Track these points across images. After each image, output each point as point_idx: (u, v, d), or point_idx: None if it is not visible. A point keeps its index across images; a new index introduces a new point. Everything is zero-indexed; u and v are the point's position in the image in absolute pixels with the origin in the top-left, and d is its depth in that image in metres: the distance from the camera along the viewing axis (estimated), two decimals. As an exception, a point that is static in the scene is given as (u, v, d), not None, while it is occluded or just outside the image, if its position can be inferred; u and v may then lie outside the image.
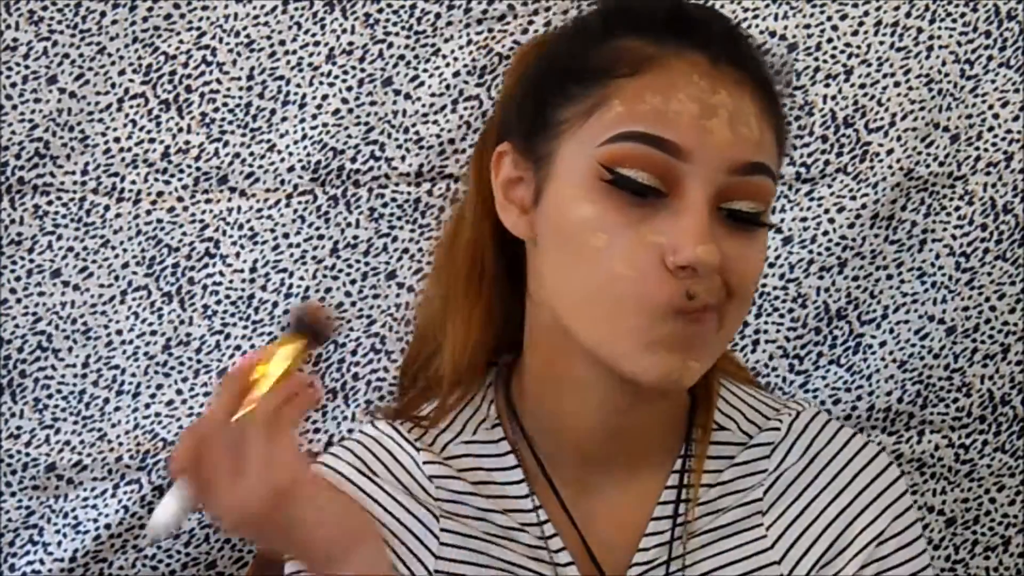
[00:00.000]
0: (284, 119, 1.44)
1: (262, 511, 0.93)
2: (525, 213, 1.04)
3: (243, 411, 0.93)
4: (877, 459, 1.10)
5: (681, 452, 1.09)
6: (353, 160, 1.43)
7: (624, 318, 0.98)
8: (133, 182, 1.43)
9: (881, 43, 1.45)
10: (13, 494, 1.43)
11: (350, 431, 1.43)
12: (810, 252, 1.45)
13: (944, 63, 1.44)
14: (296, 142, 1.43)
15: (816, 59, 1.44)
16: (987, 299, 1.46)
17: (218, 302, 1.44)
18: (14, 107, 1.42)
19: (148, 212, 1.43)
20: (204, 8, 1.43)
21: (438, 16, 1.43)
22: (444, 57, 1.44)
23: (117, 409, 1.44)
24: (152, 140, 1.43)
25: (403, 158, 1.44)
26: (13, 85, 1.42)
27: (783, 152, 1.05)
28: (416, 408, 1.12)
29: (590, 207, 0.99)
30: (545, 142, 1.02)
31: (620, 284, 0.97)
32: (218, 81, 1.43)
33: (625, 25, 1.03)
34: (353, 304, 1.44)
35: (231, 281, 1.44)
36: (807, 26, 1.44)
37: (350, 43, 1.43)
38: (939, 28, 1.44)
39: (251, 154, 1.44)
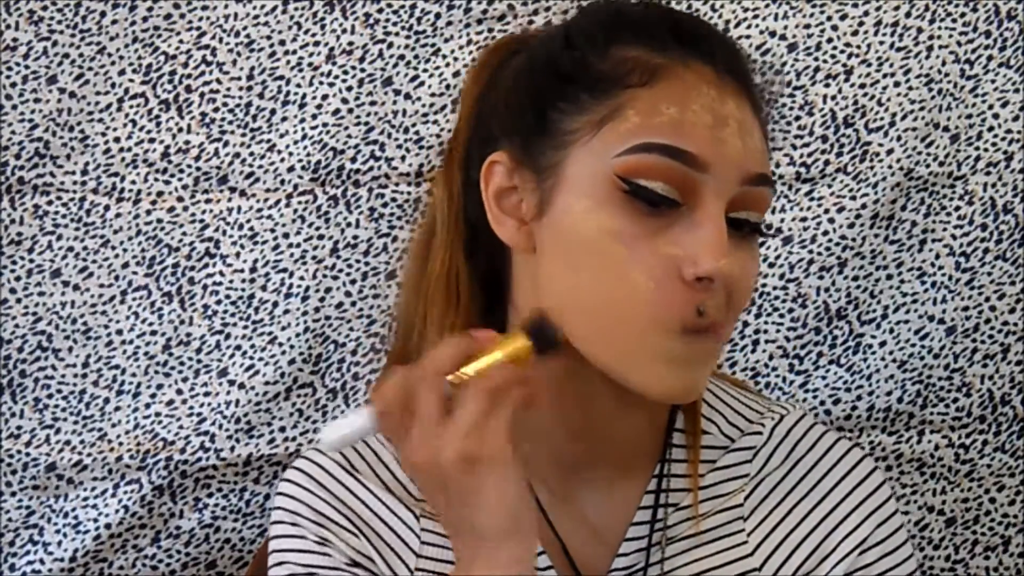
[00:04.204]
0: (284, 119, 1.44)
1: (452, 466, 0.91)
2: (523, 224, 1.03)
3: (459, 372, 0.93)
4: (861, 464, 1.10)
5: (661, 457, 1.09)
6: (353, 160, 1.44)
7: (636, 331, 0.97)
8: (133, 182, 1.43)
9: (881, 43, 1.45)
10: (13, 494, 1.43)
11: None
12: (810, 252, 1.45)
13: (944, 63, 1.44)
14: (296, 142, 1.43)
15: (816, 59, 1.44)
16: (987, 299, 1.46)
17: (218, 302, 1.44)
18: (14, 107, 1.42)
19: (148, 212, 1.43)
20: (204, 8, 1.43)
21: (438, 16, 1.43)
22: (444, 57, 1.44)
23: (117, 409, 1.44)
24: (152, 140, 1.43)
25: (403, 158, 1.44)
26: (13, 85, 1.42)
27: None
28: None
29: (607, 218, 0.98)
30: (551, 151, 1.01)
31: (637, 295, 0.97)
32: (218, 81, 1.44)
33: (628, 33, 1.02)
34: (353, 304, 1.44)
35: (231, 281, 1.44)
36: (807, 26, 1.44)
37: (350, 43, 1.44)
38: (939, 28, 1.44)
39: (251, 154, 1.44)
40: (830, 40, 1.45)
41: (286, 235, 1.44)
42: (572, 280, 0.99)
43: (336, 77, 1.43)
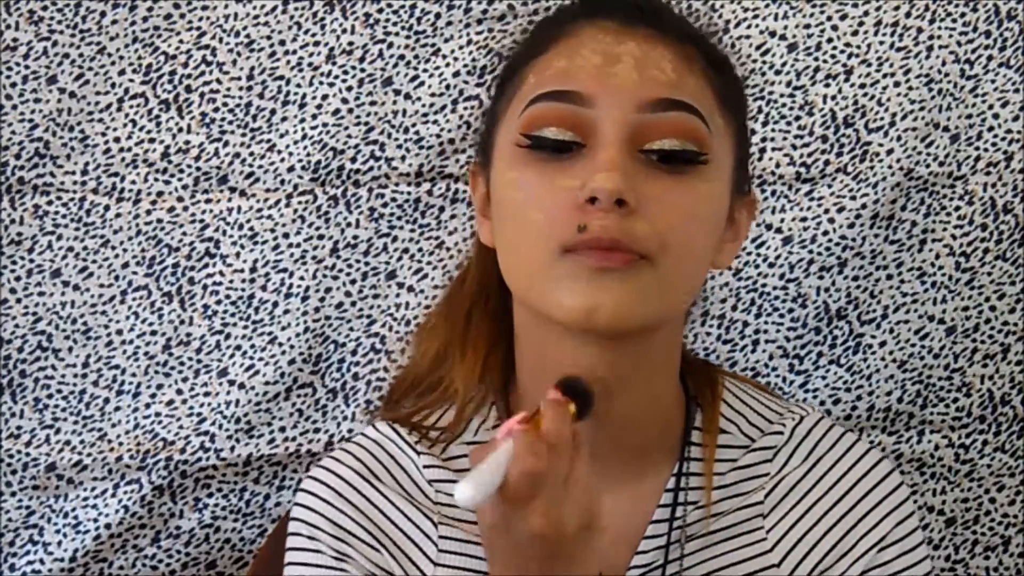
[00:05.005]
0: (284, 119, 1.44)
1: (577, 534, 0.92)
2: (489, 219, 1.08)
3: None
4: (879, 465, 1.11)
5: (679, 455, 1.09)
6: (353, 160, 1.43)
7: (535, 264, 1.01)
8: (133, 182, 1.43)
9: (881, 43, 1.45)
10: (13, 494, 1.43)
11: (350, 431, 1.43)
12: (810, 252, 1.45)
13: (944, 63, 1.44)
14: (296, 142, 1.43)
15: (816, 59, 1.44)
16: (987, 299, 1.46)
17: (218, 302, 1.44)
18: (14, 107, 1.42)
19: (148, 212, 1.43)
20: (204, 8, 1.43)
21: (438, 16, 1.43)
22: (444, 57, 1.44)
23: (117, 409, 1.44)
24: (152, 140, 1.43)
25: (403, 158, 1.44)
26: (13, 85, 1.42)
27: (732, 108, 1.08)
28: (420, 416, 1.12)
29: (511, 172, 1.03)
30: (488, 140, 1.08)
31: (532, 229, 1.01)
32: (218, 81, 1.44)
33: (547, 21, 1.11)
34: (353, 304, 1.44)
35: (231, 281, 1.44)
36: (807, 26, 1.44)
37: (350, 43, 1.43)
38: (939, 28, 1.44)
39: (251, 154, 1.44)
40: (830, 40, 1.45)
41: (286, 235, 1.43)
42: (501, 242, 1.05)
43: (336, 77, 1.43)
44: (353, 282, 1.44)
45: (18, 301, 1.43)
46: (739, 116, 1.09)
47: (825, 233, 1.44)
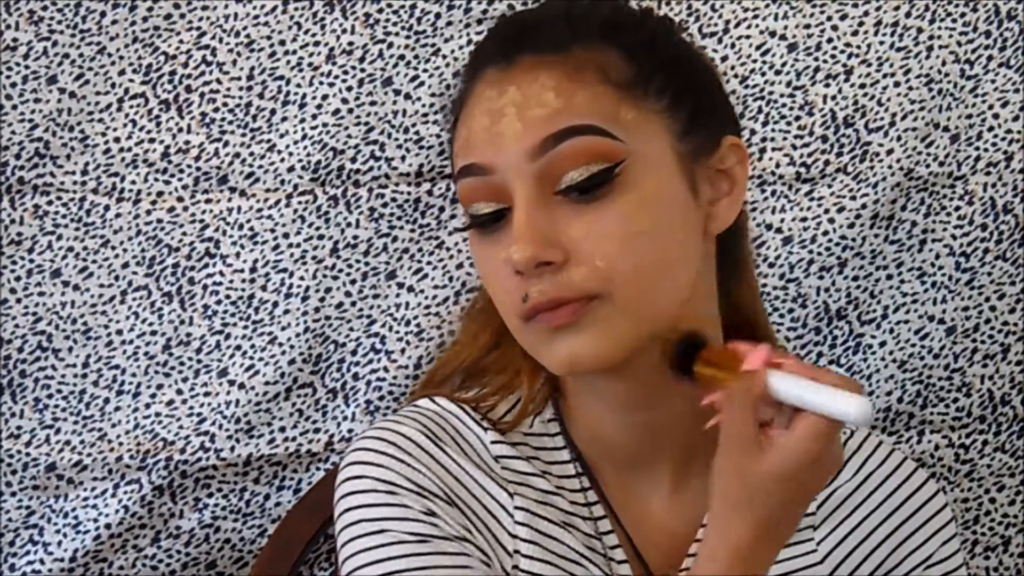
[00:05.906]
0: (284, 119, 1.44)
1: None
2: None
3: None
4: (927, 485, 1.13)
5: None
6: (353, 160, 1.43)
7: (510, 325, 1.04)
8: (133, 182, 1.43)
9: (881, 43, 1.45)
10: (13, 494, 1.43)
11: (350, 431, 1.43)
12: (810, 252, 1.45)
13: (944, 63, 1.44)
14: (296, 142, 1.43)
15: (816, 59, 1.44)
16: (987, 299, 1.46)
17: (218, 302, 1.44)
18: (14, 107, 1.42)
19: (148, 212, 1.43)
20: (204, 8, 1.43)
21: (438, 16, 1.43)
22: (444, 57, 1.44)
23: (117, 409, 1.44)
24: (152, 140, 1.43)
25: (403, 158, 1.44)
26: (13, 85, 1.42)
27: (650, 79, 1.03)
28: (488, 402, 1.11)
29: (472, 250, 1.06)
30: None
31: (497, 301, 1.04)
32: (218, 81, 1.43)
33: (459, 86, 1.10)
34: (353, 304, 1.44)
35: (231, 281, 1.44)
36: (807, 26, 1.44)
37: (350, 43, 1.43)
38: (939, 28, 1.44)
39: (251, 154, 1.44)
40: (830, 40, 1.45)
41: (286, 235, 1.43)
42: None
43: (336, 77, 1.43)
44: (353, 282, 1.44)
45: (18, 301, 1.43)
46: (665, 80, 1.03)
47: (825, 233, 1.44)
